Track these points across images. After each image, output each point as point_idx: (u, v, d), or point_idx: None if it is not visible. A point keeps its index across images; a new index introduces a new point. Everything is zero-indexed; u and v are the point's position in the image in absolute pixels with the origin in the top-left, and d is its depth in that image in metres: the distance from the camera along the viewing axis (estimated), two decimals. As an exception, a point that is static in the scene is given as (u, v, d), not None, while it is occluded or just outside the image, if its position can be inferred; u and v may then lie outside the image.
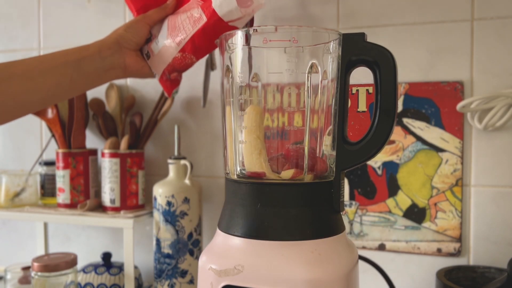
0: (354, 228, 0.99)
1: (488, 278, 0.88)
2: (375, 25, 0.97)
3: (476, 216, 0.92)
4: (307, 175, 0.54)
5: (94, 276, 1.06)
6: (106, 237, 1.21)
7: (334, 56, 0.54)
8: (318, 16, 1.01)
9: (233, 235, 0.53)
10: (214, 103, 1.09)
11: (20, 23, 1.26)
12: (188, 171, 1.01)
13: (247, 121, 0.55)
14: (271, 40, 0.54)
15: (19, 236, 1.30)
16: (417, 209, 0.94)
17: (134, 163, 1.04)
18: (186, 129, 1.11)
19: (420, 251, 0.95)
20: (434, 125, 0.93)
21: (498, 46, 0.90)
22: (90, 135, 1.19)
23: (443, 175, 0.92)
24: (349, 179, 0.99)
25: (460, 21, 0.92)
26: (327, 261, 0.51)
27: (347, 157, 0.55)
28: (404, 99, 0.94)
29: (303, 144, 0.55)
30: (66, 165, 1.07)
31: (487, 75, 0.91)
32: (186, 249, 0.99)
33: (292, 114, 0.55)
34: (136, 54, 0.70)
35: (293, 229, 0.52)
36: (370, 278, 0.94)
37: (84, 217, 1.03)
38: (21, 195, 1.14)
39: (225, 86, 0.58)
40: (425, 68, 0.94)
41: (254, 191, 0.53)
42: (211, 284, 0.52)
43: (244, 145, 0.55)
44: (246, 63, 0.56)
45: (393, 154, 0.95)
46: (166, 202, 0.98)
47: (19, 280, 1.10)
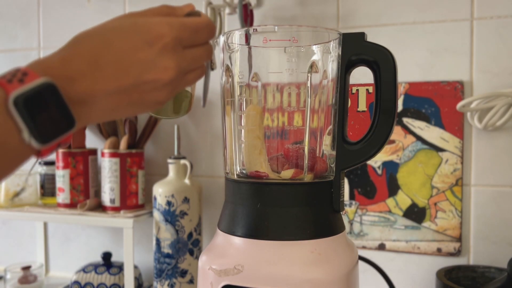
0: (354, 228, 0.99)
1: (488, 278, 0.88)
2: (375, 25, 0.97)
3: (476, 216, 0.92)
4: (307, 175, 0.54)
5: (94, 275, 1.06)
6: (106, 237, 1.21)
7: (334, 56, 0.54)
8: (318, 16, 1.01)
9: (233, 235, 0.53)
10: (214, 103, 1.09)
11: (20, 22, 1.26)
12: (188, 171, 1.01)
13: (247, 121, 0.55)
14: (271, 39, 0.54)
15: (19, 236, 1.30)
16: (417, 209, 0.94)
17: (134, 163, 1.04)
18: (186, 129, 1.11)
19: (420, 251, 0.95)
20: (434, 125, 0.93)
21: (498, 46, 0.90)
22: (90, 134, 1.19)
23: (443, 174, 0.92)
24: (349, 179, 0.99)
25: (460, 21, 0.92)
26: (327, 261, 0.51)
27: (347, 156, 0.55)
28: (404, 98, 0.94)
29: (303, 144, 0.55)
30: (66, 164, 1.07)
31: (487, 75, 0.91)
32: (186, 248, 0.99)
33: (292, 114, 0.55)
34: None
35: (293, 229, 0.51)
36: (370, 278, 0.94)
37: (84, 217, 1.03)
38: (21, 194, 1.14)
39: (225, 86, 0.58)
40: (425, 68, 0.94)
41: (254, 191, 0.53)
42: (211, 284, 0.52)
43: (244, 145, 0.55)
44: (246, 63, 0.56)
45: (393, 153, 0.95)
46: (166, 202, 0.98)
47: (19, 280, 1.10)
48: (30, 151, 0.34)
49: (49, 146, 0.34)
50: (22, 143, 0.33)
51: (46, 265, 1.26)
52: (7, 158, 0.33)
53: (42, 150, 0.34)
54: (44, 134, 0.33)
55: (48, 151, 0.35)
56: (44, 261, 1.25)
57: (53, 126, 0.33)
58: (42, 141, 0.33)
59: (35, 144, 0.33)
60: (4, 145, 0.32)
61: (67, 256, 1.25)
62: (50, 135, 0.33)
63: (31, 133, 0.33)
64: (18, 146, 0.33)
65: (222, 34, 0.57)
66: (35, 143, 0.33)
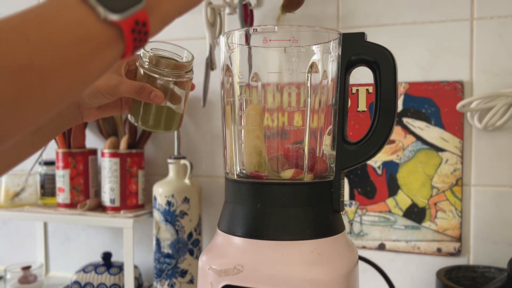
0: (354, 228, 0.99)
1: (488, 278, 0.88)
2: (375, 25, 0.97)
3: (476, 216, 0.92)
4: (307, 175, 0.54)
5: (94, 275, 1.06)
6: (106, 237, 1.21)
7: (334, 56, 0.54)
8: (318, 16, 1.01)
9: (233, 235, 0.53)
10: (214, 103, 1.09)
11: (20, 23, 1.26)
12: (188, 171, 1.01)
13: (247, 121, 0.55)
14: (271, 39, 0.54)
15: (19, 236, 1.30)
16: (417, 209, 0.94)
17: (134, 163, 1.04)
18: (186, 129, 1.11)
19: (420, 250, 0.95)
20: (434, 125, 0.93)
21: (498, 46, 0.90)
22: (90, 135, 1.19)
23: (443, 174, 0.92)
24: (349, 179, 0.99)
25: (460, 21, 0.92)
26: (327, 261, 0.51)
27: (347, 156, 0.55)
28: (404, 98, 0.94)
29: (303, 144, 0.55)
30: (66, 164, 1.07)
31: (487, 75, 0.91)
32: (186, 248, 0.99)
33: (292, 114, 0.55)
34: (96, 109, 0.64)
35: (293, 229, 0.51)
36: (370, 278, 0.94)
37: (84, 217, 1.03)
38: (21, 195, 1.14)
39: (225, 86, 0.58)
40: (425, 68, 0.94)
41: (254, 191, 0.53)
42: (211, 284, 0.52)
43: (244, 145, 0.55)
44: (246, 63, 0.56)
45: (393, 153, 0.95)
46: (166, 202, 0.98)
47: (19, 280, 1.10)
48: (111, 30, 0.34)
49: (127, 17, 0.34)
50: (100, 22, 0.33)
51: (46, 265, 1.26)
52: (91, 44, 0.33)
53: (124, 31, 0.34)
54: (116, 6, 0.34)
55: (130, 36, 0.35)
56: (44, 261, 1.25)
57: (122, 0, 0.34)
58: (116, 11, 0.34)
59: (112, 16, 0.33)
60: (84, 28, 0.33)
61: (67, 256, 1.25)
62: (121, 6, 0.34)
63: (103, 5, 0.33)
64: (98, 27, 0.33)
65: (222, 34, 0.57)
66: (111, 15, 0.33)
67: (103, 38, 0.34)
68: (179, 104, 0.58)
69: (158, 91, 0.54)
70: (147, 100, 0.54)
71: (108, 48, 0.35)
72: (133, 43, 0.36)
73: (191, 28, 1.09)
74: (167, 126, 0.58)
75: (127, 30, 0.35)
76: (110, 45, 0.35)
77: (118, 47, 0.35)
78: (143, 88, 0.53)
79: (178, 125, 0.60)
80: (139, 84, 0.54)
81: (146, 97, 0.54)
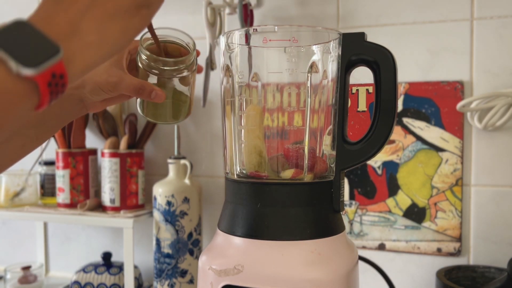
0: (354, 228, 0.99)
1: (488, 278, 0.88)
2: (375, 25, 0.97)
3: (476, 216, 0.92)
4: (307, 175, 0.54)
5: (94, 275, 1.06)
6: (106, 237, 1.21)
7: (334, 56, 0.54)
8: (318, 16, 1.01)
9: (233, 235, 0.53)
10: (214, 103, 1.09)
11: (20, 23, 1.26)
12: (188, 171, 1.01)
13: (247, 121, 0.55)
14: (271, 39, 0.54)
15: (19, 236, 1.30)
16: (417, 209, 0.94)
17: (134, 163, 1.04)
18: (186, 129, 1.11)
19: (420, 250, 0.95)
20: (434, 125, 0.93)
21: (498, 46, 0.90)
22: (90, 135, 1.19)
23: (443, 174, 0.92)
24: (349, 179, 0.99)
25: (460, 21, 0.92)
26: (327, 261, 0.51)
27: (347, 156, 0.55)
28: (404, 98, 0.94)
29: (303, 144, 0.55)
30: (66, 164, 1.07)
31: (487, 75, 0.91)
32: (186, 248, 0.99)
33: (292, 114, 0.55)
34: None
35: (293, 229, 0.51)
36: (370, 278, 0.94)
37: (84, 217, 1.03)
38: (21, 195, 1.14)
39: (225, 86, 0.58)
40: (425, 68, 0.94)
41: (254, 191, 0.53)
42: (211, 284, 0.52)
43: (244, 145, 0.55)
44: (246, 63, 0.56)
45: (393, 153, 0.95)
46: (166, 202, 0.98)
47: (19, 280, 1.10)
48: (24, 84, 0.31)
49: (42, 72, 0.31)
50: (11, 76, 0.31)
51: (46, 265, 1.26)
52: (1, 99, 0.30)
53: (39, 86, 0.31)
54: (29, 59, 0.31)
55: (46, 90, 0.32)
56: (44, 261, 1.25)
57: (36, 52, 0.31)
58: (29, 65, 0.31)
59: (25, 71, 0.31)
60: None
61: (67, 256, 1.25)
62: (36, 60, 0.31)
63: (15, 59, 0.30)
64: (9, 81, 0.31)
65: (222, 34, 0.57)
66: (25, 69, 0.31)
67: (15, 92, 0.31)
68: (185, 98, 0.56)
69: (159, 90, 0.52)
70: (148, 99, 0.53)
71: (20, 102, 0.32)
72: (50, 96, 0.33)
73: (191, 28, 1.09)
74: (175, 116, 0.56)
75: (43, 84, 0.32)
76: (23, 99, 0.32)
77: (32, 99, 0.32)
78: (143, 88, 0.53)
79: (186, 115, 0.57)
80: (139, 83, 0.53)
81: (146, 97, 0.53)
